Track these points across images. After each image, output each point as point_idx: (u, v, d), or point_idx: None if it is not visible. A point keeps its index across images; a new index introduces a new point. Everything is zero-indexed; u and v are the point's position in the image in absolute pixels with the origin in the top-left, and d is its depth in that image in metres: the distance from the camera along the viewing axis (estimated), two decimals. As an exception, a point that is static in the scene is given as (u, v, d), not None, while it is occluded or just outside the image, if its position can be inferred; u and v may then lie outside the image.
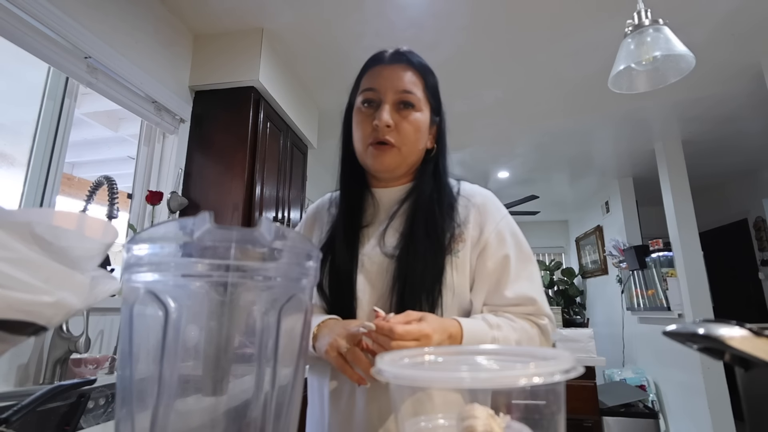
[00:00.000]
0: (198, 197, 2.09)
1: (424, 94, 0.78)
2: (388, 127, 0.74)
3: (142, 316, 0.43)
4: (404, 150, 0.76)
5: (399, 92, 0.75)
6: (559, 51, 2.44)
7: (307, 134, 2.77)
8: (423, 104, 0.77)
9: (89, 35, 1.59)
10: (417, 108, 0.76)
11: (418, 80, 0.78)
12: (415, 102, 0.76)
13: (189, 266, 0.42)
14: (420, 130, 0.77)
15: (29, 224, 0.33)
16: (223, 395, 0.43)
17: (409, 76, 0.77)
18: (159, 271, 0.43)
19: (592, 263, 5.70)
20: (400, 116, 0.75)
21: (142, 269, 0.43)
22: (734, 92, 2.89)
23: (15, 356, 1.23)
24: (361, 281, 0.75)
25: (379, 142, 0.75)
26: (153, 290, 0.42)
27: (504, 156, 4.09)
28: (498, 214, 0.79)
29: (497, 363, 0.47)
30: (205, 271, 0.42)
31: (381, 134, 0.74)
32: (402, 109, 0.76)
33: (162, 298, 0.41)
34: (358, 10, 2.11)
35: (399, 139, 0.75)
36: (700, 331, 0.40)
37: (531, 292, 0.73)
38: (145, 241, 0.43)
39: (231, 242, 0.42)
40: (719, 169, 4.44)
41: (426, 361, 0.48)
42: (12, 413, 0.58)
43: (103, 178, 1.41)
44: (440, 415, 0.44)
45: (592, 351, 2.37)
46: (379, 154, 0.75)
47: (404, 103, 0.76)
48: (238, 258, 0.42)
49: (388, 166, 0.77)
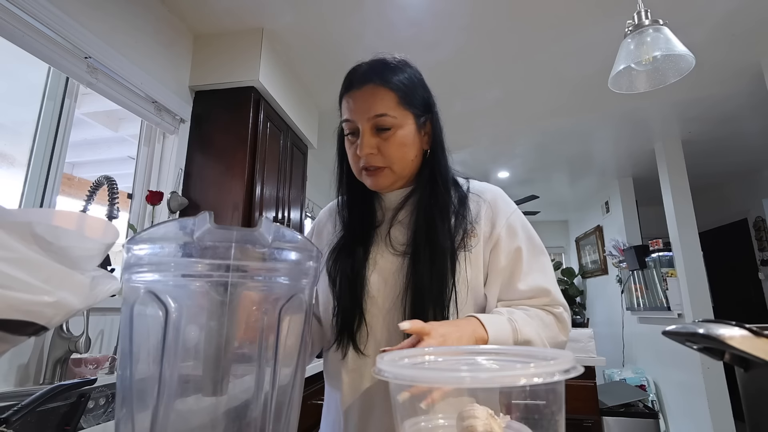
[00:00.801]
0: (198, 197, 2.09)
1: (399, 106, 0.75)
2: (371, 155, 0.75)
3: (143, 316, 0.43)
4: (396, 168, 0.76)
5: (372, 118, 0.74)
6: (559, 51, 2.44)
7: (307, 134, 2.77)
8: (401, 118, 0.75)
9: (89, 35, 1.59)
10: (395, 125, 0.75)
11: (388, 96, 0.75)
12: (390, 123, 0.75)
13: (189, 266, 0.42)
14: (405, 145, 0.76)
15: (29, 224, 0.33)
16: (223, 395, 0.43)
17: (379, 97, 0.74)
18: (159, 271, 0.43)
19: (592, 263, 5.70)
20: (381, 139, 0.75)
21: (142, 269, 0.43)
22: (734, 92, 2.89)
23: (15, 356, 1.23)
24: (375, 279, 0.77)
25: (368, 167, 0.76)
26: (153, 290, 0.42)
27: (504, 156, 4.09)
28: (508, 208, 0.80)
29: (497, 363, 0.47)
30: (206, 271, 0.42)
31: (367, 162, 0.75)
32: (381, 132, 0.75)
33: (162, 297, 0.41)
34: (358, 10, 2.11)
35: (386, 160, 0.75)
36: (700, 331, 0.41)
37: (544, 284, 0.74)
38: (145, 241, 0.43)
39: (231, 242, 0.42)
40: (719, 169, 4.44)
41: (426, 361, 0.48)
42: (12, 413, 0.58)
43: (103, 178, 1.41)
44: (440, 415, 0.44)
45: (592, 351, 2.37)
46: (374, 178, 0.77)
47: (379, 128, 0.75)
48: (239, 258, 0.42)
49: (384, 186, 0.78)
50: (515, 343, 0.66)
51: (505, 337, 0.65)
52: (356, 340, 0.74)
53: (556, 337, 0.73)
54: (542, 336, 0.69)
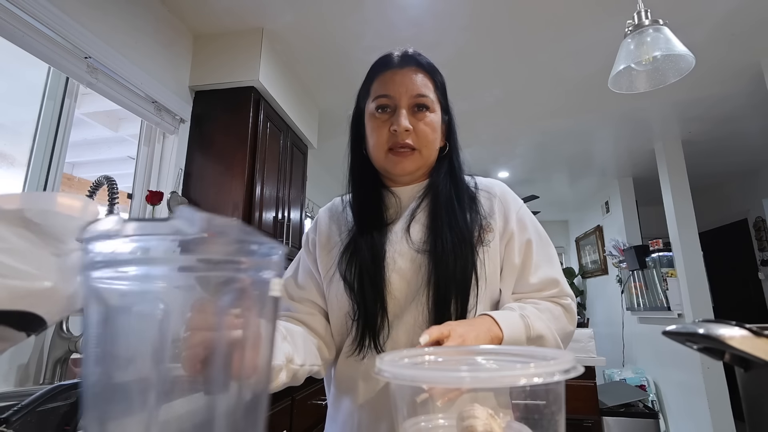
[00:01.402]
0: (198, 197, 2.09)
1: (435, 94, 0.79)
2: (407, 132, 0.75)
3: (97, 314, 0.41)
4: (424, 152, 0.77)
5: (414, 96, 0.76)
6: (559, 51, 2.44)
7: (307, 134, 2.77)
8: (435, 105, 0.79)
9: (89, 35, 1.59)
10: (431, 109, 0.78)
11: (429, 81, 0.79)
12: (429, 104, 0.77)
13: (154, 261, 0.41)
14: (436, 131, 0.79)
15: (20, 211, 0.33)
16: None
17: (420, 79, 0.78)
18: (112, 267, 0.41)
19: (592, 263, 5.70)
20: (416, 119, 0.76)
21: (101, 267, 0.41)
22: (734, 92, 2.89)
23: (15, 356, 1.23)
24: (395, 279, 0.74)
25: (399, 147, 0.76)
26: (96, 290, 0.40)
27: (504, 156, 4.09)
28: (517, 202, 0.83)
29: (497, 363, 0.47)
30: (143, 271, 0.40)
31: (401, 138, 0.75)
32: (417, 112, 0.77)
33: (103, 298, 0.40)
34: (358, 10, 2.11)
35: (418, 142, 0.76)
36: (700, 331, 0.40)
37: (553, 274, 0.77)
38: (102, 238, 0.42)
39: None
40: (719, 169, 4.44)
41: (426, 360, 0.48)
42: (12, 413, 0.57)
43: (103, 178, 1.41)
44: (440, 415, 0.44)
45: (592, 351, 2.37)
46: (401, 160, 0.76)
47: (419, 106, 0.77)
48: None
49: (409, 170, 0.78)
50: (528, 338, 0.67)
51: (518, 334, 0.66)
52: (378, 341, 0.73)
53: (565, 328, 0.75)
54: (552, 329, 0.70)
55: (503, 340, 0.64)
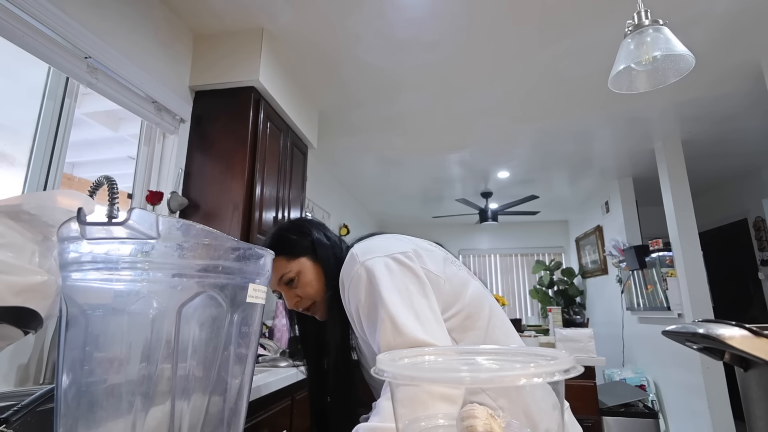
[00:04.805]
0: (198, 197, 2.09)
1: (289, 261, 0.92)
2: (297, 302, 0.93)
3: (76, 318, 0.41)
4: (318, 299, 0.92)
5: (279, 284, 0.93)
6: (559, 51, 2.44)
7: (307, 134, 2.77)
8: (296, 266, 0.91)
9: (89, 35, 1.59)
10: (299, 274, 0.91)
11: (281, 263, 0.91)
12: (293, 276, 0.91)
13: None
14: (313, 280, 0.92)
15: (18, 206, 0.33)
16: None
17: (276, 269, 0.90)
18: (99, 269, 0.41)
19: (592, 263, 5.70)
20: (292, 288, 0.92)
21: (84, 267, 0.41)
22: (734, 92, 2.89)
23: (15, 356, 1.23)
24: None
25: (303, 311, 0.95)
26: (69, 294, 0.40)
27: (504, 156, 4.09)
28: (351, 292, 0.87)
29: (497, 363, 0.47)
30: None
31: (297, 309, 0.95)
32: (291, 287, 0.92)
33: (77, 300, 0.40)
34: (358, 10, 2.11)
35: (307, 300, 0.92)
36: (700, 331, 0.41)
37: (380, 340, 0.74)
38: (69, 240, 0.42)
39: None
40: (719, 169, 4.44)
41: (426, 361, 0.48)
42: (12, 413, 0.57)
43: (103, 178, 1.40)
44: (440, 415, 0.44)
45: (592, 351, 2.37)
46: (313, 314, 0.95)
47: (287, 283, 0.92)
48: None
49: (323, 314, 0.94)
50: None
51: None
52: None
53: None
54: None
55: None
